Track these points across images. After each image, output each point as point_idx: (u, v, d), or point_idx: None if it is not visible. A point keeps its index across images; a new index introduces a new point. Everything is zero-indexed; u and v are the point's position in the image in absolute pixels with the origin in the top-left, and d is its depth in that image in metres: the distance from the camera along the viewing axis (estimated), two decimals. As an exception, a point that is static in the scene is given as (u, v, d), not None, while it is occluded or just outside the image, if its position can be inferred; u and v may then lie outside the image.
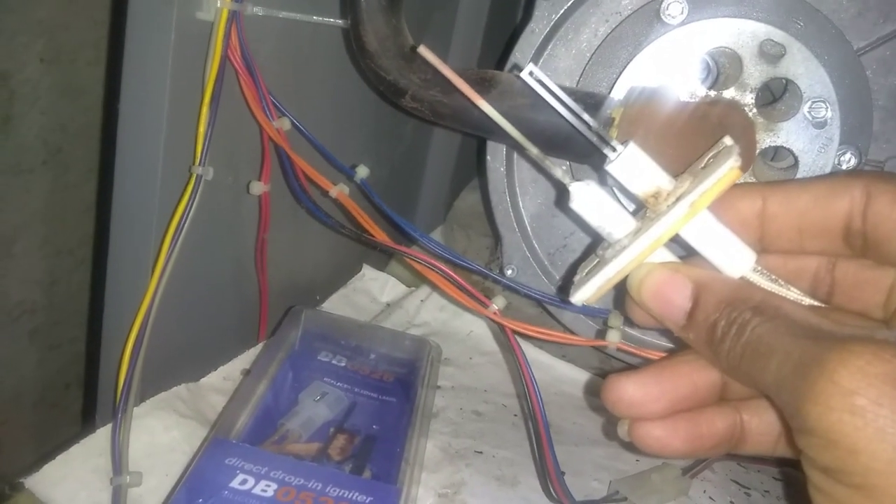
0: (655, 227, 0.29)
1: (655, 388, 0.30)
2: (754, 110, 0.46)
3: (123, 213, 0.40)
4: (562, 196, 0.32)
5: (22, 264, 0.73)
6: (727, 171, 0.29)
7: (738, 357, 0.27)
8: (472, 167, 0.80)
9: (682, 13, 0.46)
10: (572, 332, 0.54)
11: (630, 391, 0.30)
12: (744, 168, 0.45)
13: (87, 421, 0.85)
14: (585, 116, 0.30)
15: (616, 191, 0.41)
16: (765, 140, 0.46)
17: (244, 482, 0.35)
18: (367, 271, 0.64)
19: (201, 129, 0.38)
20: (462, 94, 0.30)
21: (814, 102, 0.45)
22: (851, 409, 0.21)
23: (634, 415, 0.30)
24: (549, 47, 0.50)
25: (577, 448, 0.47)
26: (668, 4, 0.46)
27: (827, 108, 0.45)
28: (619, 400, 0.30)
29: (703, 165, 0.31)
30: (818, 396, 0.22)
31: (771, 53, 0.46)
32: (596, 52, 0.49)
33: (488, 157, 0.53)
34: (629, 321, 0.34)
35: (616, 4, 0.48)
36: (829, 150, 0.46)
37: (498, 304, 0.38)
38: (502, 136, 0.30)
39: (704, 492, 0.45)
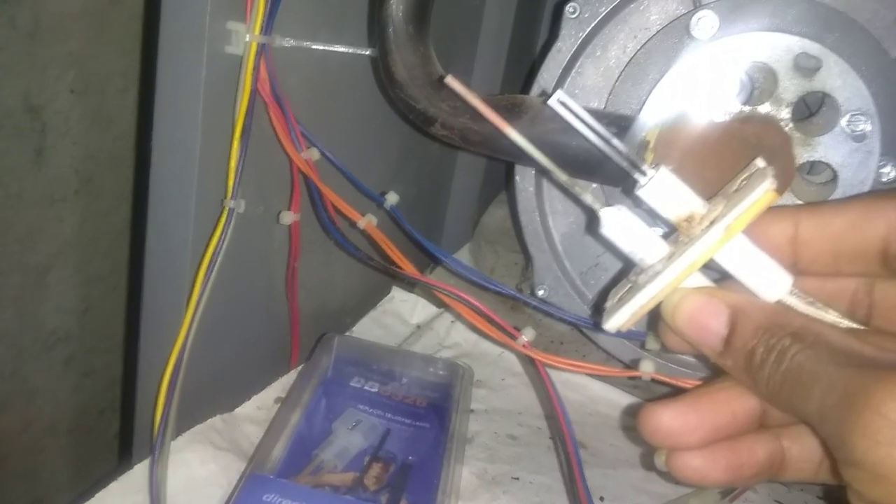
0: (690, 252, 0.29)
1: (693, 417, 0.29)
2: (791, 125, 0.45)
3: (158, 250, 0.40)
4: (592, 221, 0.31)
5: (56, 293, 0.74)
6: (763, 193, 0.28)
7: (778, 385, 0.26)
8: (499, 182, 0.80)
9: (712, 28, 0.45)
10: (607, 352, 0.53)
11: (667, 421, 0.29)
12: (780, 189, 0.44)
13: (122, 446, 0.86)
14: (615, 142, 0.30)
15: (647, 214, 0.40)
16: (802, 155, 0.45)
17: (281, 518, 0.35)
18: (397, 293, 0.64)
19: (233, 164, 0.38)
20: (491, 123, 0.30)
21: (852, 115, 0.44)
22: None
23: (672, 445, 0.30)
24: (577, 65, 0.50)
25: (615, 471, 0.46)
26: (699, 19, 0.45)
27: (866, 120, 0.44)
28: (656, 430, 0.29)
29: (735, 188, 0.31)
30: (865, 429, 0.22)
31: (806, 67, 0.45)
32: (625, 69, 0.48)
33: (517, 178, 0.53)
34: (664, 347, 0.33)
35: (644, 20, 0.48)
36: (870, 164, 0.44)
37: (528, 335, 0.37)
38: (533, 161, 0.30)
39: (747, 515, 0.44)
